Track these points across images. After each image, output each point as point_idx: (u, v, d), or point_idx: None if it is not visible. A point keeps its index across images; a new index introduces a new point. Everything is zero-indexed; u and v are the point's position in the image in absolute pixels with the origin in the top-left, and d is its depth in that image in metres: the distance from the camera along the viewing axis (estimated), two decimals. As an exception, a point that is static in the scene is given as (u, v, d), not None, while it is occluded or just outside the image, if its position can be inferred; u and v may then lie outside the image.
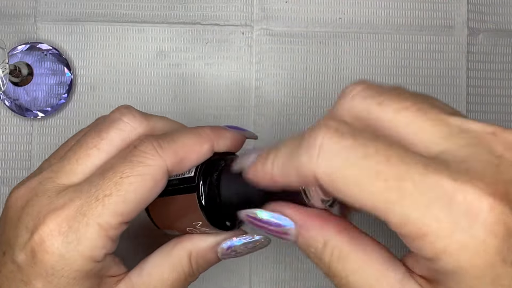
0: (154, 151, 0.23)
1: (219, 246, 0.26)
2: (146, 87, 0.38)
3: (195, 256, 0.26)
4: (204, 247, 0.26)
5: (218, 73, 0.38)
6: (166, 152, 0.23)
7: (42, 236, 0.22)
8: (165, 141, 0.24)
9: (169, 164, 0.23)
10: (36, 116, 0.38)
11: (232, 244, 0.26)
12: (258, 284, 0.38)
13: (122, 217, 0.23)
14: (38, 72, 0.38)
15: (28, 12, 0.38)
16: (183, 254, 0.26)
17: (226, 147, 0.26)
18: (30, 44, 0.38)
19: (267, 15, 0.38)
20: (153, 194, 0.24)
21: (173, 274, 0.26)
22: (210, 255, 0.26)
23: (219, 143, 0.25)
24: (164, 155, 0.23)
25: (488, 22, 0.39)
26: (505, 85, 0.39)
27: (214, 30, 0.38)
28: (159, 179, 0.23)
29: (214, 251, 0.26)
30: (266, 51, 0.38)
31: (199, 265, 0.27)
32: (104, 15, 0.38)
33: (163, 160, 0.23)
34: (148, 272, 0.26)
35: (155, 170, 0.23)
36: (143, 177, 0.23)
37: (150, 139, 0.24)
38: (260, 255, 0.38)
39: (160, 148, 0.23)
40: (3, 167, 0.38)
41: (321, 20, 0.38)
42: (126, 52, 0.38)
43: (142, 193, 0.23)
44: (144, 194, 0.23)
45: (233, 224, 0.26)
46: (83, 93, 0.38)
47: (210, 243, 0.26)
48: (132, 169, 0.23)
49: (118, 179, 0.23)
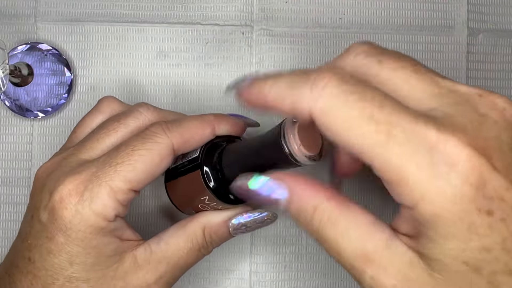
0: (162, 132, 0.27)
1: (230, 221, 0.29)
2: (146, 87, 0.38)
3: (209, 230, 0.29)
4: (216, 221, 0.29)
5: (218, 73, 0.38)
6: (173, 133, 0.27)
7: (62, 195, 0.26)
8: (173, 125, 0.28)
9: (175, 143, 0.27)
10: (37, 116, 0.38)
11: (242, 219, 0.29)
12: (258, 284, 0.38)
13: (130, 184, 0.26)
14: (38, 73, 0.38)
15: (28, 12, 0.38)
16: (197, 227, 0.29)
17: (227, 131, 0.29)
18: (30, 44, 0.38)
19: (267, 15, 0.38)
20: (159, 168, 0.27)
21: (188, 244, 0.29)
22: (223, 230, 0.29)
23: (220, 127, 0.29)
24: (171, 136, 0.27)
25: (488, 22, 0.39)
26: (505, 85, 0.39)
27: (214, 30, 0.38)
28: (165, 155, 0.27)
29: (226, 226, 0.29)
30: (266, 51, 0.38)
31: (212, 239, 0.29)
32: (104, 15, 0.38)
33: (169, 140, 0.27)
34: (165, 241, 0.28)
35: (162, 147, 0.27)
36: (151, 151, 0.26)
37: (160, 123, 0.28)
38: (260, 255, 0.38)
39: (168, 130, 0.27)
40: (3, 167, 0.38)
41: (321, 20, 0.38)
42: (126, 52, 0.38)
43: (150, 165, 0.26)
44: (151, 166, 0.26)
45: (236, 197, 0.28)
46: (83, 93, 0.38)
47: (222, 218, 0.29)
48: (143, 144, 0.26)
49: (130, 151, 0.26)
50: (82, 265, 0.26)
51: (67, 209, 0.26)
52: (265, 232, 0.38)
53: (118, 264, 0.27)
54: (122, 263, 0.27)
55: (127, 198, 0.26)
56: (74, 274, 0.26)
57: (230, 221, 0.29)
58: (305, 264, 0.38)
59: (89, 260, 0.26)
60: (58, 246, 0.26)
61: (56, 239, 0.26)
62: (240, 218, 0.29)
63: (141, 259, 0.28)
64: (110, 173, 0.26)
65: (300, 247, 0.38)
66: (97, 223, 0.26)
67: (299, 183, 0.23)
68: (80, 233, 0.26)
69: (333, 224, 0.22)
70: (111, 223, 0.26)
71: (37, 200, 0.27)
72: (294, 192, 0.23)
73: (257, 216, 0.29)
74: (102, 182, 0.26)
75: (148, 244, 0.28)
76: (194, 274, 0.38)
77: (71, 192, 0.26)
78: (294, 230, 0.38)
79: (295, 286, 0.38)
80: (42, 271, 0.26)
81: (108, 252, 0.27)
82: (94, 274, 0.26)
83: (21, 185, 0.38)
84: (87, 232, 0.26)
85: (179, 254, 0.28)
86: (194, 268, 0.37)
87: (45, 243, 0.26)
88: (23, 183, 0.38)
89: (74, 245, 0.26)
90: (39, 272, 0.26)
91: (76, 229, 0.26)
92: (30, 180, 0.38)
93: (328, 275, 0.38)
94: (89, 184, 0.26)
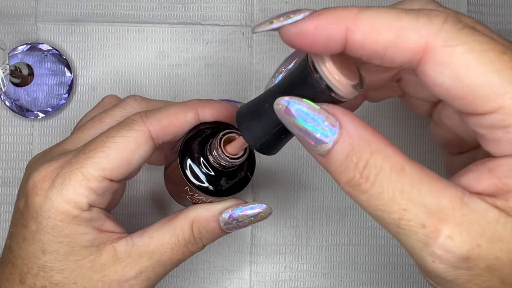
0: (139, 119, 0.26)
1: (220, 215, 0.27)
2: (146, 87, 0.38)
3: (197, 225, 0.27)
4: (205, 215, 0.27)
5: (218, 73, 0.38)
6: (150, 120, 0.26)
7: (35, 181, 0.26)
8: (152, 112, 0.27)
9: (152, 130, 0.26)
10: (37, 116, 0.38)
11: (233, 213, 0.27)
12: (258, 284, 0.38)
13: (103, 172, 0.25)
14: (39, 73, 0.38)
15: (28, 13, 0.38)
16: (185, 221, 0.27)
17: (213, 116, 0.27)
18: (31, 44, 0.38)
19: (267, 16, 0.38)
20: (136, 156, 0.26)
21: (173, 238, 0.27)
22: (212, 224, 0.27)
23: (204, 111, 0.27)
24: (147, 122, 0.26)
25: (488, 22, 0.39)
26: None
27: (214, 30, 0.38)
28: (142, 142, 0.26)
29: (215, 220, 0.27)
30: (266, 51, 0.38)
31: (202, 235, 0.28)
32: (104, 15, 0.38)
33: (146, 126, 0.26)
34: (150, 234, 0.27)
35: (138, 134, 0.26)
36: (126, 138, 0.26)
37: (140, 112, 0.27)
38: (260, 255, 0.38)
39: (145, 117, 0.26)
40: (4, 167, 0.38)
41: (321, 20, 0.38)
42: (126, 52, 0.38)
43: (125, 152, 0.26)
44: (126, 153, 0.26)
45: (216, 187, 0.27)
46: (83, 93, 0.38)
47: (211, 211, 0.27)
48: (117, 131, 0.26)
49: (104, 138, 0.26)
50: (54, 254, 0.25)
51: (38, 195, 0.25)
52: (265, 232, 0.38)
53: (95, 255, 0.26)
54: (99, 255, 0.26)
55: (101, 187, 0.26)
56: (47, 264, 0.26)
57: (220, 215, 0.27)
58: (305, 264, 0.38)
59: (61, 249, 0.25)
60: (31, 234, 0.25)
61: (29, 226, 0.25)
62: (230, 212, 0.27)
63: (121, 252, 0.26)
64: (83, 160, 0.25)
65: (300, 247, 0.38)
66: (68, 211, 0.25)
67: (353, 119, 0.19)
68: (50, 221, 0.25)
69: (398, 174, 0.18)
70: (85, 212, 0.25)
71: (19, 189, 0.28)
72: (348, 129, 0.19)
73: (248, 210, 0.27)
74: (74, 169, 0.25)
75: (130, 237, 0.27)
76: (194, 274, 0.38)
77: (44, 178, 0.25)
78: (294, 230, 0.38)
79: (295, 286, 0.38)
80: (19, 259, 0.26)
81: (83, 242, 0.26)
82: (68, 265, 0.26)
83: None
84: (58, 219, 0.25)
85: (163, 249, 0.27)
86: (194, 268, 0.37)
87: (21, 231, 0.26)
88: (24, 183, 0.38)
89: (45, 232, 0.25)
90: (16, 261, 0.26)
91: (46, 216, 0.25)
92: (30, 180, 0.38)
93: (328, 276, 0.38)
94: (62, 170, 0.25)
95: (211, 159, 0.26)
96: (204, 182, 0.26)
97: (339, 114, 0.19)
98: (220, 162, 0.26)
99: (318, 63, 0.20)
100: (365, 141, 0.19)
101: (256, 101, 0.23)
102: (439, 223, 0.18)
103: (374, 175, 0.19)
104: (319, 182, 0.38)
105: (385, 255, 0.38)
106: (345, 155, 0.19)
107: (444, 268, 0.18)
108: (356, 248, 0.38)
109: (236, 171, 0.27)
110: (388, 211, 0.19)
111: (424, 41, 0.18)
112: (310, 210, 0.38)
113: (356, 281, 0.38)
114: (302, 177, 0.38)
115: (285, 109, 0.20)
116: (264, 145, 0.23)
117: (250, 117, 0.23)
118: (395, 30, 0.18)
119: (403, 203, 0.18)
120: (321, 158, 0.20)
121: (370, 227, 0.38)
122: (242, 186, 0.27)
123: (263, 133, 0.22)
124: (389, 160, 0.19)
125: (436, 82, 0.18)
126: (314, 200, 0.38)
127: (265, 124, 0.22)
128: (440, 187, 0.18)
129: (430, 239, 0.18)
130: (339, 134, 0.19)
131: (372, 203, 0.19)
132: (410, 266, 0.38)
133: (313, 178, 0.38)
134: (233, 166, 0.26)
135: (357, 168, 0.19)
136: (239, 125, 0.23)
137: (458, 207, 0.18)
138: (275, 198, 0.38)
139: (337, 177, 0.20)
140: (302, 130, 0.20)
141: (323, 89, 0.20)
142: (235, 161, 0.25)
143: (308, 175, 0.38)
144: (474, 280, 0.19)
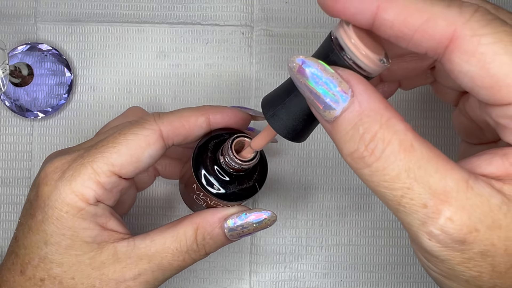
0: (152, 119, 0.27)
1: (225, 221, 0.27)
2: (146, 87, 0.38)
3: (202, 231, 0.27)
4: (210, 220, 0.27)
5: (218, 73, 0.38)
6: (162, 120, 0.27)
7: (47, 172, 0.26)
8: (165, 114, 0.28)
9: (163, 130, 0.27)
10: (37, 116, 0.38)
11: (238, 220, 0.27)
12: (258, 284, 0.38)
13: (113, 167, 0.26)
14: (38, 73, 0.38)
15: (28, 13, 0.38)
16: (189, 227, 0.27)
17: (224, 122, 0.28)
18: (30, 44, 0.38)
19: (267, 16, 0.38)
20: (146, 153, 0.26)
21: (175, 243, 0.27)
22: (217, 231, 0.27)
23: (215, 116, 0.28)
24: (159, 122, 0.27)
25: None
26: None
27: (214, 30, 0.38)
28: (152, 141, 0.26)
29: (220, 227, 0.27)
30: (266, 51, 0.38)
31: (205, 241, 0.27)
32: (104, 15, 0.38)
33: (157, 126, 0.27)
34: (152, 237, 0.27)
35: (149, 133, 0.26)
36: (137, 136, 0.26)
37: (153, 113, 0.28)
38: (260, 255, 0.38)
39: (158, 118, 0.27)
40: (3, 167, 0.38)
41: (321, 20, 0.38)
42: (126, 52, 0.38)
43: (134, 149, 0.26)
44: (136, 151, 0.26)
45: (224, 188, 0.27)
46: (83, 93, 0.38)
47: (216, 217, 0.27)
48: (130, 129, 0.26)
49: (116, 135, 0.26)
50: (56, 246, 0.26)
51: (47, 185, 0.26)
52: (264, 232, 0.38)
53: (95, 252, 0.26)
54: (100, 253, 0.26)
55: (110, 182, 0.26)
56: (48, 255, 0.26)
57: (225, 221, 0.27)
58: (305, 264, 0.38)
59: (63, 242, 0.25)
60: (37, 223, 0.26)
61: (36, 216, 0.26)
62: (236, 218, 0.27)
63: (122, 252, 0.26)
64: (94, 154, 0.26)
65: (300, 247, 0.38)
66: (74, 202, 0.25)
67: (367, 88, 0.19)
68: (56, 211, 0.25)
69: (406, 152, 0.18)
70: (91, 206, 0.26)
71: (32, 182, 0.28)
72: (360, 98, 0.19)
73: (253, 216, 0.27)
74: (85, 162, 0.26)
75: (133, 239, 0.27)
76: (194, 274, 0.38)
77: (56, 169, 0.26)
78: (294, 231, 0.38)
79: (295, 286, 0.38)
80: (22, 249, 0.26)
81: (85, 237, 0.26)
82: (68, 259, 0.26)
83: (21, 185, 0.38)
84: (63, 210, 0.25)
85: (164, 254, 0.27)
86: (194, 268, 0.37)
87: (28, 221, 0.26)
88: (23, 183, 0.38)
89: (49, 223, 0.25)
90: (20, 251, 0.26)
91: (52, 206, 0.25)
92: (30, 180, 0.38)
93: (328, 276, 0.38)
94: (73, 163, 0.26)
95: (222, 162, 0.26)
96: (213, 182, 0.27)
97: (353, 81, 0.19)
98: (232, 166, 0.26)
99: (344, 40, 0.20)
100: (376, 113, 0.18)
101: (283, 86, 0.22)
102: (441, 204, 0.18)
103: (381, 149, 0.18)
104: (319, 182, 0.38)
105: (385, 255, 0.38)
106: (352, 125, 0.19)
107: (438, 247, 0.18)
108: (356, 248, 0.38)
109: (246, 177, 0.27)
110: (391, 188, 0.18)
111: (453, 29, 0.18)
112: (310, 210, 0.38)
113: (356, 281, 0.38)
114: (302, 177, 0.38)
115: (299, 68, 0.19)
116: (292, 131, 0.22)
117: (276, 102, 0.22)
118: (426, 15, 0.18)
119: (408, 182, 0.18)
120: (327, 125, 0.20)
121: (370, 227, 0.38)
122: (253, 193, 0.27)
123: (291, 119, 0.22)
124: (399, 135, 0.18)
125: (462, 70, 0.18)
126: (314, 200, 0.38)
127: (293, 109, 0.21)
128: (447, 167, 0.18)
129: (430, 219, 0.18)
130: (349, 102, 0.19)
131: (375, 178, 0.19)
132: (410, 266, 0.38)
133: (313, 178, 0.38)
134: (245, 170, 0.26)
135: (363, 140, 0.18)
136: (265, 113, 0.22)
137: (463, 190, 0.18)
138: (275, 198, 0.38)
139: (340, 146, 0.19)
140: (313, 93, 0.19)
141: (350, 66, 0.20)
142: (247, 163, 0.26)
143: (308, 175, 0.38)
144: (465, 263, 0.18)
